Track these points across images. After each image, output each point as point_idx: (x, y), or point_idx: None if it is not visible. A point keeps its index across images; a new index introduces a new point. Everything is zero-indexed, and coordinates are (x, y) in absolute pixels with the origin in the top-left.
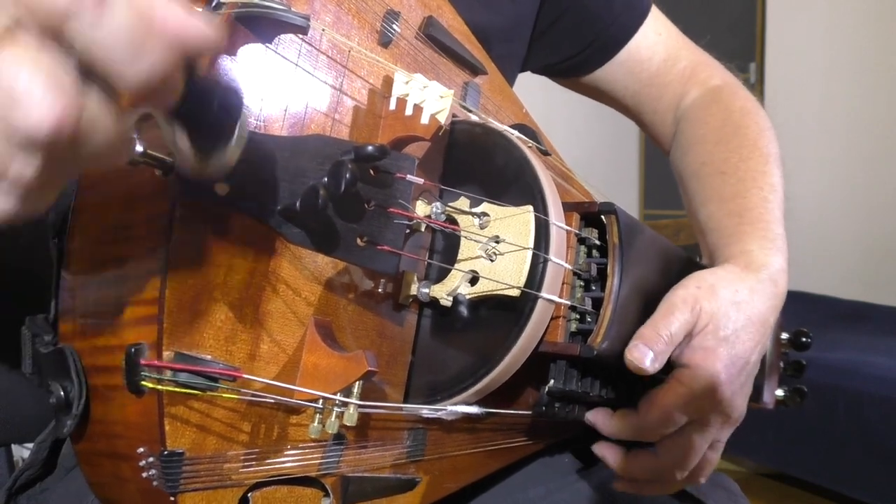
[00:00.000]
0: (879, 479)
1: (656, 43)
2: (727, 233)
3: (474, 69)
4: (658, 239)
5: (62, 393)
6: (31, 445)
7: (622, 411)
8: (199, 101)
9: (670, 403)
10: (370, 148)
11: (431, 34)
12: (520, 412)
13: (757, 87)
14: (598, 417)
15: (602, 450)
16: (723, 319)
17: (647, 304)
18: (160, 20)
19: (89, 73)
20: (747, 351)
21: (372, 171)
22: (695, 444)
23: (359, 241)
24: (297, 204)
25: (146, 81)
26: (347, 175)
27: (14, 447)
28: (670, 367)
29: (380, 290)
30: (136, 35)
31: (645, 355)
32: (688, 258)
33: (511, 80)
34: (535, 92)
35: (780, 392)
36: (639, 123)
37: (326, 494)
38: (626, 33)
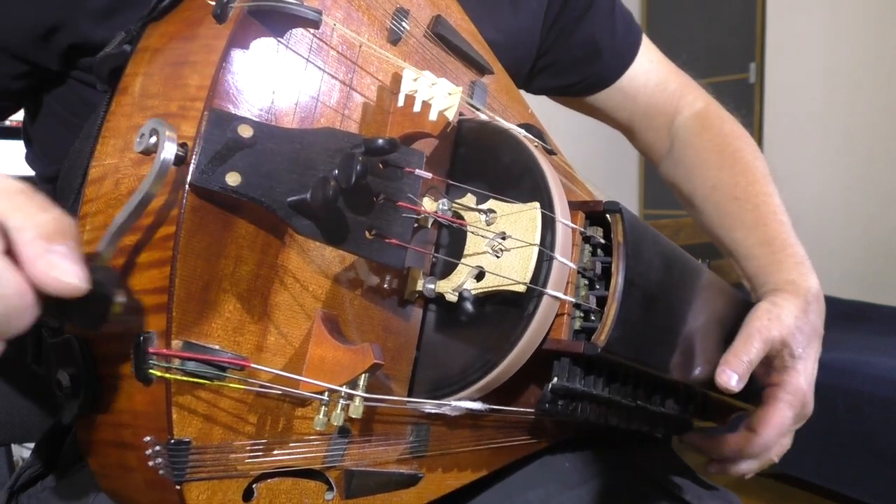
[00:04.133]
0: (879, 479)
1: (649, 70)
2: (763, 262)
3: (481, 68)
4: (661, 238)
5: (69, 381)
6: (31, 445)
7: (740, 434)
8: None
9: (786, 417)
10: (381, 141)
11: (440, 33)
12: (523, 410)
13: (757, 87)
14: (708, 442)
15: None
16: (794, 341)
17: (650, 302)
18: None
19: None
20: (814, 360)
21: (381, 165)
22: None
23: (367, 234)
24: (308, 195)
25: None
26: (358, 167)
27: (14, 447)
28: (749, 388)
29: (386, 285)
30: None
31: (731, 378)
32: (689, 258)
33: None
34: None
35: None
36: (630, 138)
37: (330, 488)
38: (625, 63)
